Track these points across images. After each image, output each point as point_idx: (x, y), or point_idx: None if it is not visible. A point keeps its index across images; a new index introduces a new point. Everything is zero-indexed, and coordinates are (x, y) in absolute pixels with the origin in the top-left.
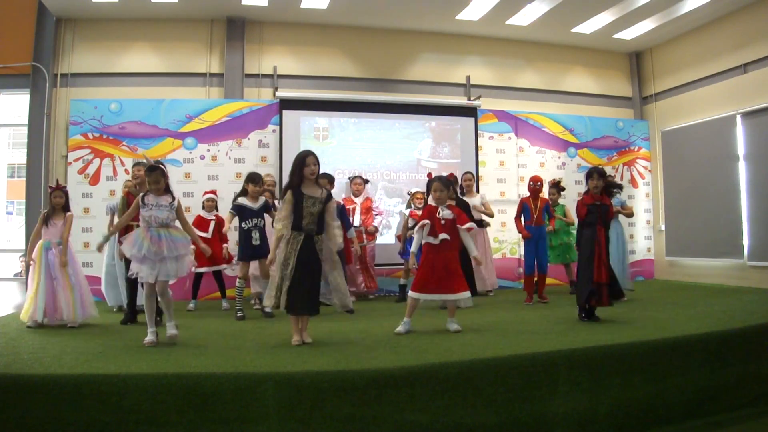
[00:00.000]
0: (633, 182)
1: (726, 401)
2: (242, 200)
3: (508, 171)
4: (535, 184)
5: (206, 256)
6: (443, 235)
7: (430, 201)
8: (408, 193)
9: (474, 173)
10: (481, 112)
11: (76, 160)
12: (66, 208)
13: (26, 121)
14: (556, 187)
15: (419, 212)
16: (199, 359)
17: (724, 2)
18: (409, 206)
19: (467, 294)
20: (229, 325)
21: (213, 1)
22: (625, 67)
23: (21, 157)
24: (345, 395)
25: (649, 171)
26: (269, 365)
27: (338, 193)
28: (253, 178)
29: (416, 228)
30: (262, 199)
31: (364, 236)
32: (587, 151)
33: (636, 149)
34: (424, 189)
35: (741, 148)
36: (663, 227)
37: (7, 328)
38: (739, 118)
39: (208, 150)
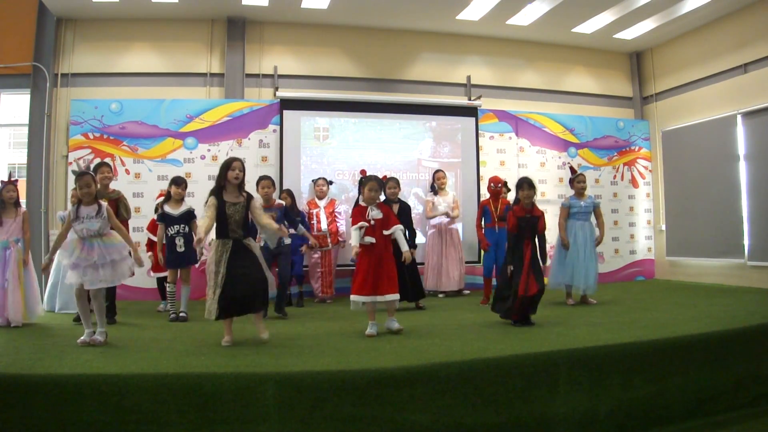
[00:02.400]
0: (633, 182)
1: (726, 401)
2: (165, 207)
3: (509, 171)
4: (495, 186)
5: (140, 266)
6: (368, 239)
7: (360, 201)
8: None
9: (445, 172)
10: (482, 112)
11: (76, 159)
12: (17, 203)
13: (27, 121)
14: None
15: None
16: (200, 359)
17: (724, 2)
18: (432, 189)
19: (395, 296)
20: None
21: (213, 1)
22: (626, 67)
23: (21, 157)
24: (345, 395)
25: (650, 171)
26: (270, 365)
27: (338, 194)
28: (177, 181)
29: (353, 228)
30: (185, 205)
31: (329, 240)
32: (588, 151)
33: (636, 149)
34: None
35: (741, 148)
36: (663, 227)
37: (8, 328)
38: (739, 118)
39: (209, 150)
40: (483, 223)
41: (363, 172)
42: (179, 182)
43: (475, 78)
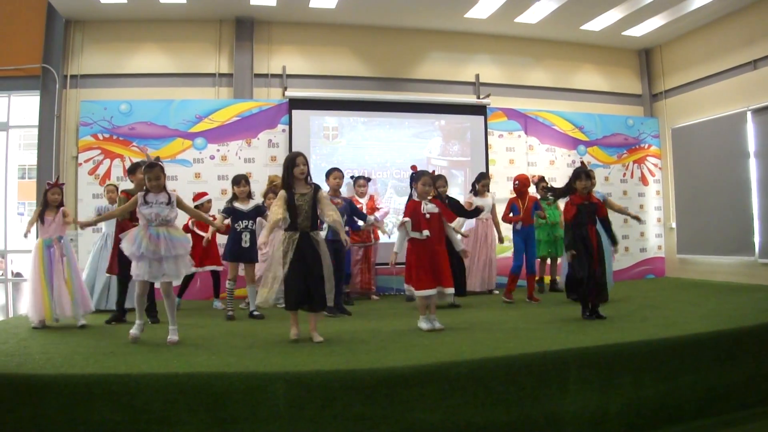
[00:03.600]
0: (643, 180)
1: (737, 400)
2: (235, 204)
3: (518, 169)
4: (521, 184)
5: (215, 229)
6: (425, 232)
7: (414, 195)
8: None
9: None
10: (491, 110)
11: (86, 161)
12: (61, 205)
13: (36, 123)
14: (543, 181)
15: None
16: (210, 359)
17: None
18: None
19: (453, 290)
20: (239, 325)
21: (221, 1)
22: (635, 64)
23: (31, 158)
24: (355, 394)
25: (660, 168)
26: (280, 365)
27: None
28: (235, 180)
29: (398, 226)
30: (252, 203)
31: (371, 236)
32: (597, 148)
33: (646, 147)
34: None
35: (752, 145)
36: (674, 225)
37: (18, 328)
38: (749, 115)
39: (218, 150)
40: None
41: (414, 167)
42: (237, 181)
43: (484, 76)
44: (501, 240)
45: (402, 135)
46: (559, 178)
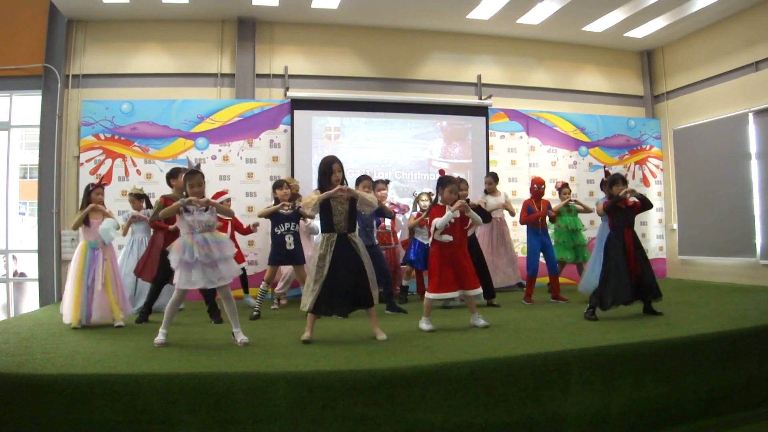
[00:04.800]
0: (645, 181)
1: (739, 401)
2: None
3: (520, 170)
4: (539, 187)
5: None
6: (446, 237)
7: (440, 200)
8: (413, 194)
9: (494, 176)
10: (493, 111)
11: (88, 160)
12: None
13: (38, 122)
14: (567, 187)
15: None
16: (212, 359)
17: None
18: (414, 209)
19: (480, 291)
20: (241, 325)
21: (223, 1)
22: (637, 65)
23: (33, 157)
24: (357, 395)
25: (661, 170)
26: (281, 365)
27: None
28: (277, 184)
29: (432, 231)
30: (294, 206)
31: (392, 238)
32: (599, 149)
33: (648, 148)
34: (433, 189)
35: (753, 147)
36: (675, 226)
37: (20, 328)
38: (751, 116)
39: (220, 150)
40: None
41: (442, 171)
42: (279, 185)
43: (486, 77)
44: (512, 213)
45: (404, 136)
46: (560, 179)
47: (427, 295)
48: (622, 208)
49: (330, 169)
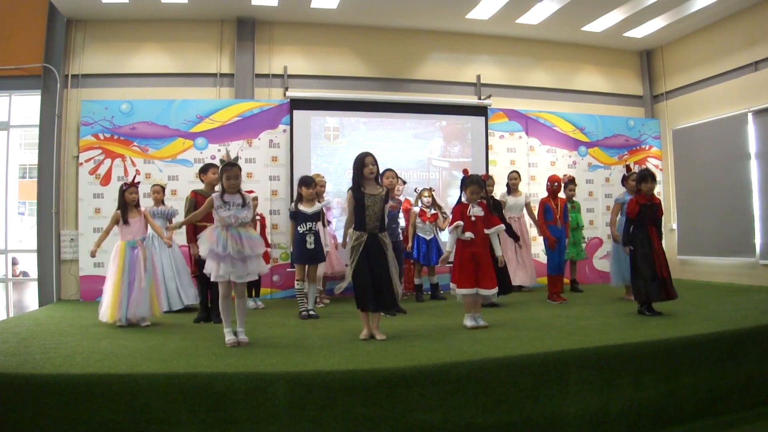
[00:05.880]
0: None
1: (738, 400)
2: (300, 206)
3: (519, 170)
4: (552, 185)
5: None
6: (468, 234)
7: (463, 199)
8: (415, 190)
9: (519, 173)
10: (492, 111)
11: (87, 160)
12: (138, 204)
13: (38, 122)
14: (573, 182)
15: (427, 210)
16: (211, 359)
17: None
18: (417, 204)
19: (494, 291)
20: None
21: (223, 1)
22: (636, 65)
23: (32, 157)
24: (356, 395)
25: (660, 170)
26: (280, 365)
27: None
28: (305, 181)
29: (450, 229)
30: (317, 205)
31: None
32: (598, 149)
33: (647, 148)
34: (431, 186)
35: (752, 147)
36: (674, 226)
37: (19, 327)
38: (750, 116)
39: (219, 150)
40: (545, 220)
41: (465, 171)
42: (308, 183)
43: (485, 77)
44: (533, 218)
45: (403, 135)
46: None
47: (458, 291)
48: (648, 206)
49: (363, 163)
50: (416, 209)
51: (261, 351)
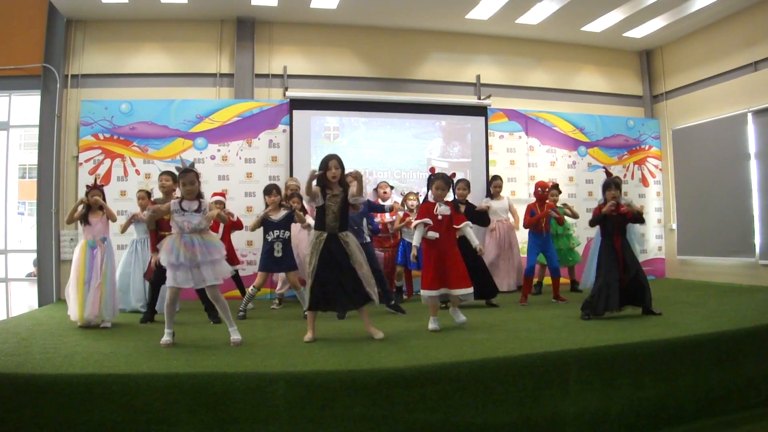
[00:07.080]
0: (644, 181)
1: (737, 401)
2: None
3: (519, 170)
4: (543, 190)
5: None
6: (432, 234)
7: (429, 197)
8: (401, 194)
9: (501, 179)
10: (492, 111)
11: (87, 160)
12: (102, 207)
13: (37, 122)
14: (557, 188)
15: (411, 213)
16: (210, 359)
17: (734, 0)
18: (402, 208)
19: (468, 291)
20: (240, 325)
21: (223, 1)
22: (636, 65)
23: (32, 157)
24: (355, 395)
25: (660, 170)
26: (280, 365)
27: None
28: (266, 190)
29: (416, 224)
30: (284, 212)
31: (392, 240)
32: (598, 149)
33: (647, 148)
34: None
35: (752, 147)
36: (674, 226)
37: (18, 327)
38: (750, 116)
39: (219, 150)
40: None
41: (432, 169)
42: (269, 190)
43: (485, 77)
44: (516, 222)
45: (403, 135)
46: (559, 179)
47: (422, 292)
48: (613, 216)
49: (326, 166)
50: (400, 213)
51: (261, 351)
